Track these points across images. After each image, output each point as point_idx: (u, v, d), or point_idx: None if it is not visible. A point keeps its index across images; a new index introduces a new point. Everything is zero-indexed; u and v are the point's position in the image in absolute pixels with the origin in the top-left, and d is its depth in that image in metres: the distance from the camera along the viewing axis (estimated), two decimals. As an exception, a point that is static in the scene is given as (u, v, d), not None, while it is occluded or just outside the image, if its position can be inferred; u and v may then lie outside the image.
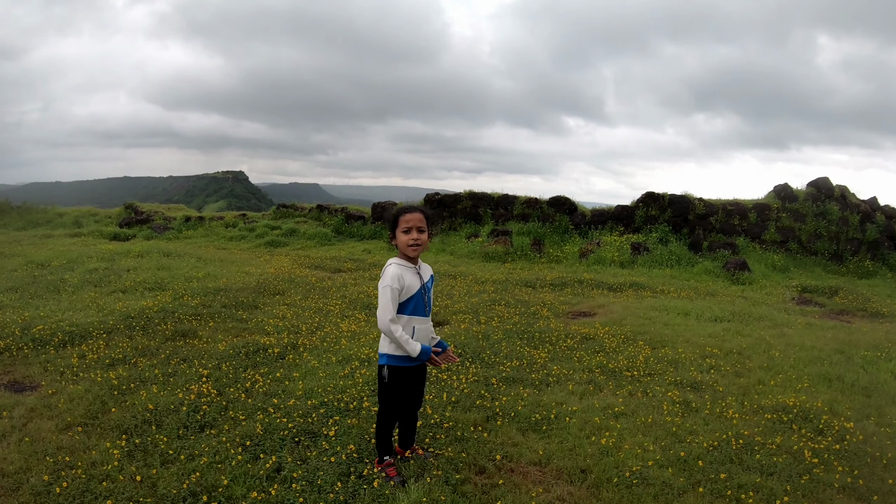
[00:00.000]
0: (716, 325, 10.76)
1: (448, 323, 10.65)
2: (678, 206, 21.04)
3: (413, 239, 4.55)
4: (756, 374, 7.90)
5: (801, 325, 11.19)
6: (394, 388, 4.80)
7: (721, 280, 16.56)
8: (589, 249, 19.15)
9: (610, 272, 16.98)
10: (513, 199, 23.01)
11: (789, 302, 14.49)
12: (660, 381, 7.53)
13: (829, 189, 21.92)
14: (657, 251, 18.67)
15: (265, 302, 11.66)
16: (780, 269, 18.59)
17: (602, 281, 15.26)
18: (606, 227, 21.14)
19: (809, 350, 9.20)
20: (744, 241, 20.10)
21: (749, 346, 9.22)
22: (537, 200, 22.61)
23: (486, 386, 7.12)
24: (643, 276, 16.51)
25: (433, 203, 23.77)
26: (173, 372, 7.36)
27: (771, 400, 6.87)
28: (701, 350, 8.92)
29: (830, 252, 20.50)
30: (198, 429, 5.73)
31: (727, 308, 12.19)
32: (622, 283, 15.08)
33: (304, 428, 5.69)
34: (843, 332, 10.79)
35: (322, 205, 27.82)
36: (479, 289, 13.86)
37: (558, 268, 17.81)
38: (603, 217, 21.57)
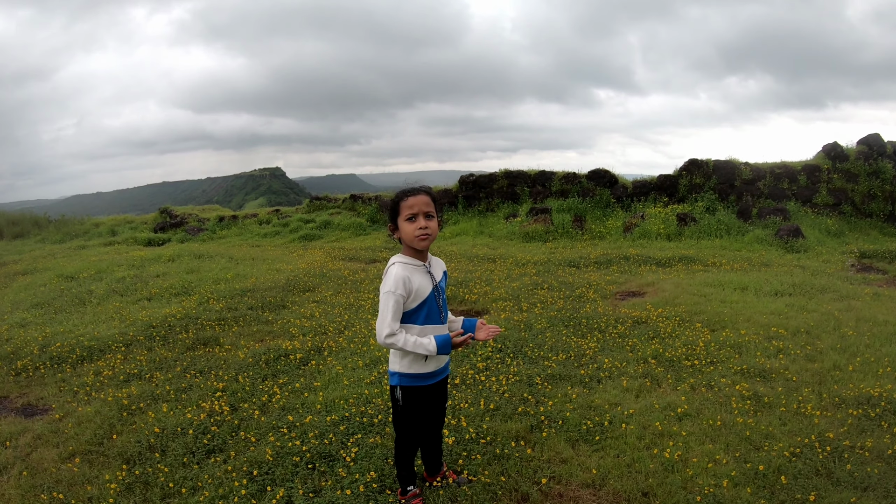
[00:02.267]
0: (777, 300, 9.96)
1: (488, 311, 10.08)
2: (723, 173, 20.08)
3: (420, 228, 3.76)
4: (830, 357, 7.12)
5: (868, 295, 10.34)
6: (410, 411, 4.07)
7: (774, 248, 15.69)
8: (633, 223, 18.35)
9: (656, 246, 16.21)
10: (550, 176, 22.23)
11: (849, 269, 13.62)
12: (724, 370, 6.80)
13: (881, 146, 20.78)
14: (704, 221, 17.80)
15: (294, 300, 11.18)
16: (834, 233, 17.67)
17: (649, 256, 14.51)
18: (649, 199, 20.27)
19: (883, 325, 8.38)
20: (795, 205, 19.12)
21: (817, 324, 8.42)
22: (576, 175, 21.80)
23: (530, 387, 6.47)
24: (692, 248, 15.71)
25: (468, 185, 23.08)
26: (188, 387, 6.91)
27: (852, 390, 6.10)
28: (765, 330, 8.15)
29: (886, 213, 19.47)
30: (204, 454, 5.21)
31: (786, 280, 11.37)
32: (670, 257, 14.31)
33: (320, 451, 5.08)
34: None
35: (355, 194, 27.34)
36: (519, 272, 13.21)
37: (602, 244, 17.08)
38: (645, 188, 20.69)
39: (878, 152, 20.57)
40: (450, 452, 5.03)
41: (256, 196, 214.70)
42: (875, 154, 20.51)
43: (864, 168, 20.10)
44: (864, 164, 20.17)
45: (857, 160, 20.34)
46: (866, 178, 19.94)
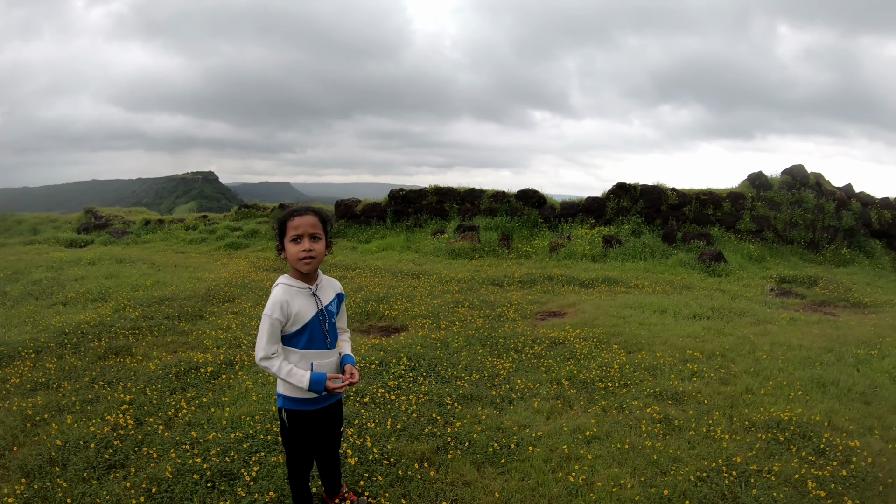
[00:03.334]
0: (695, 322, 9.97)
1: (406, 329, 9.83)
2: (650, 197, 20.31)
3: (304, 250, 3.55)
4: (743, 380, 7.09)
5: (784, 320, 10.45)
6: (297, 434, 3.84)
7: (697, 272, 15.84)
8: (559, 243, 18.36)
9: (581, 267, 16.21)
10: (479, 194, 22.16)
11: (768, 294, 13.82)
12: (637, 392, 6.70)
13: (804, 176, 21.32)
14: (630, 243, 17.91)
15: (212, 311, 10.76)
16: (756, 259, 17.97)
17: (573, 276, 14.47)
18: (577, 220, 20.34)
19: (797, 349, 8.44)
20: (718, 231, 19.45)
21: (732, 347, 8.42)
22: (505, 194, 21.77)
23: (440, 407, 6.24)
24: (616, 270, 15.76)
25: (398, 199, 22.86)
26: (95, 398, 6.49)
27: (763, 414, 6.05)
28: (681, 353, 8.10)
29: (807, 240, 19.99)
30: (105, 469, 4.88)
31: (705, 303, 11.42)
32: (594, 278, 14.30)
33: (221, 469, 4.81)
34: (830, 328, 10.08)
35: (284, 204, 26.87)
36: (442, 289, 13.01)
37: (527, 263, 17.01)
38: (573, 209, 20.77)
39: (801, 182, 21.07)
40: (352, 473, 4.78)
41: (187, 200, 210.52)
42: (798, 184, 21.00)
43: (787, 197, 20.56)
44: (788, 194, 20.64)
45: (781, 189, 20.81)
46: (789, 207, 20.39)
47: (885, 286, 15.90)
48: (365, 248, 20.09)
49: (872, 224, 21.61)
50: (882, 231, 21.77)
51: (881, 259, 20.05)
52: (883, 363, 8.05)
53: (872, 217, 21.72)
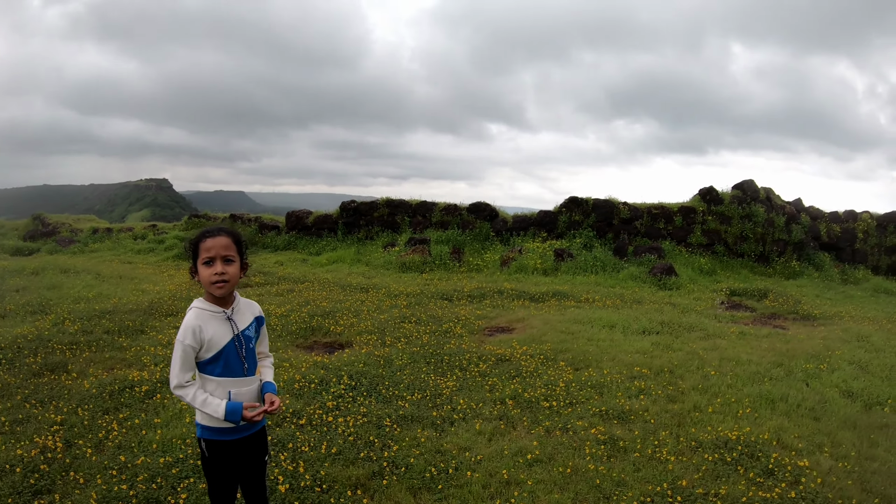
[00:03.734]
0: (644, 338, 9.82)
1: (351, 345, 9.53)
2: (602, 211, 20.27)
3: (217, 273, 3.33)
4: (691, 397, 6.92)
5: (734, 334, 10.35)
6: (216, 465, 3.53)
7: (648, 286, 15.77)
8: (510, 257, 18.19)
9: (532, 281, 16.04)
10: (431, 206, 21.95)
11: (718, 307, 13.78)
12: (582, 411, 6.48)
13: (755, 191, 21.45)
14: (581, 257, 17.82)
15: (154, 325, 10.39)
16: (706, 272, 17.98)
17: (523, 291, 14.28)
18: (529, 234, 20.22)
19: (746, 365, 8.32)
20: (670, 244, 19.46)
21: (681, 363, 8.27)
22: (456, 207, 21.59)
23: (378, 429, 5.96)
24: (567, 283, 15.61)
25: (349, 211, 22.55)
26: (25, 418, 6.14)
27: (710, 433, 5.87)
28: (629, 370, 7.93)
29: (757, 254, 20.06)
30: (31, 496, 4.60)
31: (655, 318, 11.30)
32: (545, 292, 14.12)
33: (147, 496, 4.54)
34: (780, 341, 10.01)
35: (235, 214, 26.40)
36: (390, 303, 12.72)
37: (478, 277, 16.80)
38: (525, 223, 20.66)
39: (752, 197, 21.18)
40: (282, 501, 4.50)
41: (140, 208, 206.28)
42: (749, 198, 21.11)
43: (738, 211, 20.64)
44: (738, 208, 20.72)
45: (732, 203, 20.89)
46: (739, 221, 20.46)
47: (834, 298, 16.03)
48: (315, 260, 19.75)
49: (822, 237, 21.77)
50: (831, 244, 21.93)
51: (830, 271, 20.14)
52: (832, 377, 7.97)
53: (821, 230, 21.89)
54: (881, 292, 17.73)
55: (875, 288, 18.17)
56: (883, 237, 22.57)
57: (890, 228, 22.86)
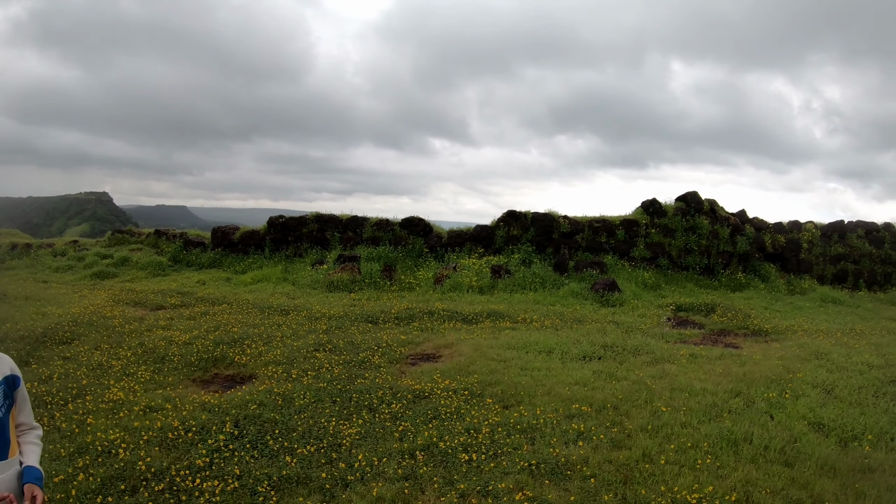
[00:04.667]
0: (585, 365, 8.70)
1: (254, 379, 8.37)
2: (541, 225, 19.20)
3: None
4: (639, 441, 5.78)
5: (684, 357, 9.31)
6: None
7: (589, 302, 14.74)
8: (444, 275, 17.01)
9: (466, 300, 14.89)
10: (363, 222, 20.60)
11: (665, 324, 12.84)
12: (508, 465, 5.29)
13: (699, 203, 20.64)
14: (519, 274, 16.72)
15: (41, 356, 9.30)
16: (651, 286, 17.08)
17: (456, 311, 13.11)
18: (465, 250, 19.02)
19: (701, 395, 7.25)
20: (612, 259, 18.49)
21: (626, 396, 7.15)
22: (389, 222, 20.29)
23: (252, 497, 4.71)
24: (503, 302, 14.49)
25: (277, 227, 21.09)
26: None
27: (665, 494, 4.71)
28: (566, 406, 6.77)
29: (702, 266, 19.28)
30: None
31: (597, 339, 10.24)
32: (479, 312, 12.98)
33: None
34: (735, 364, 9.01)
35: (160, 230, 24.86)
36: (309, 328, 11.46)
37: (410, 296, 15.59)
38: (461, 238, 19.45)
39: (696, 209, 20.40)
40: None
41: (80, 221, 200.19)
42: (692, 210, 20.32)
43: (682, 223, 19.83)
44: (682, 220, 19.91)
45: (675, 216, 20.06)
46: (683, 233, 19.66)
47: (783, 310, 15.43)
48: (240, 279, 18.29)
49: (767, 248, 21.22)
50: (776, 255, 21.43)
51: (776, 282, 19.65)
52: (798, 406, 6.99)
53: (766, 241, 21.32)
54: (828, 302, 17.41)
55: (822, 298, 17.85)
56: (827, 247, 22.40)
57: (834, 238, 22.74)
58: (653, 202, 20.47)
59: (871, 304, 18.19)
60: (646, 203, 20.59)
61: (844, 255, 22.34)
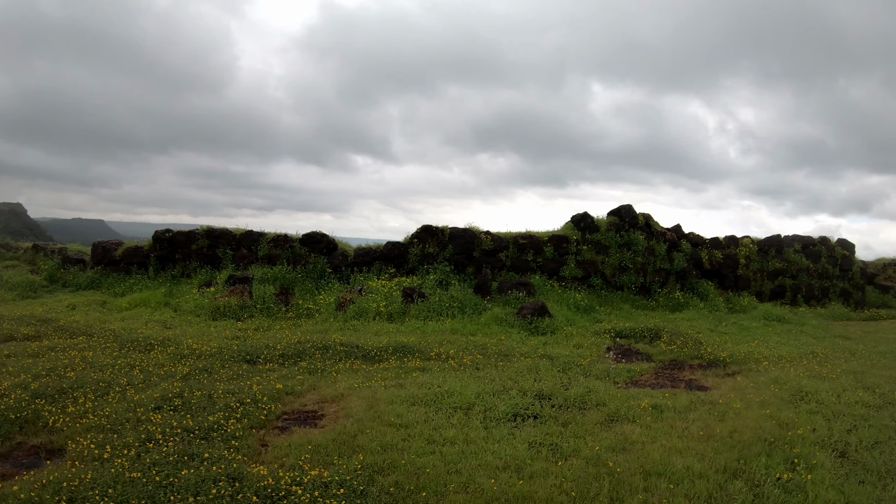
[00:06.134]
0: (517, 432, 6.36)
1: (62, 453, 6.10)
2: (461, 242, 16.90)
3: None
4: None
5: (646, 412, 7.13)
6: None
7: (516, 330, 12.58)
8: (348, 299, 14.55)
9: (372, 329, 12.51)
10: (258, 238, 17.83)
11: (607, 356, 10.99)
12: None
13: (633, 217, 18.68)
14: (435, 297, 14.40)
15: None
16: (584, 309, 15.09)
17: (357, 345, 10.73)
18: (374, 270, 16.55)
19: (687, 481, 5.04)
20: (540, 279, 16.35)
21: (582, 491, 4.84)
22: (287, 238, 17.61)
23: None
24: (415, 332, 12.16)
25: (164, 242, 18.06)
26: None
27: None
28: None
29: (638, 286, 17.43)
30: None
31: (529, 385, 8.06)
32: (384, 346, 10.64)
33: None
34: (713, 418, 6.93)
35: (38, 245, 22.34)
36: (168, 371, 9.00)
37: (306, 325, 13.12)
38: (369, 257, 16.95)
39: (631, 223, 18.48)
40: None
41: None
42: (627, 225, 18.39)
43: (616, 239, 17.86)
44: (616, 235, 17.94)
45: (609, 231, 18.05)
46: (618, 250, 17.71)
47: (730, 332, 13.99)
48: (116, 303, 15.38)
49: (704, 264, 19.71)
50: (713, 271, 20.02)
51: (715, 300, 18.21)
52: (818, 486, 4.89)
53: (703, 257, 19.77)
54: (773, 320, 16.33)
55: (765, 316, 16.69)
56: (765, 262, 21.39)
57: (772, 253, 21.76)
58: (584, 216, 18.43)
59: (815, 321, 17.20)
60: (576, 217, 18.53)
61: (782, 270, 21.52)
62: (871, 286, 23.06)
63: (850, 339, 14.32)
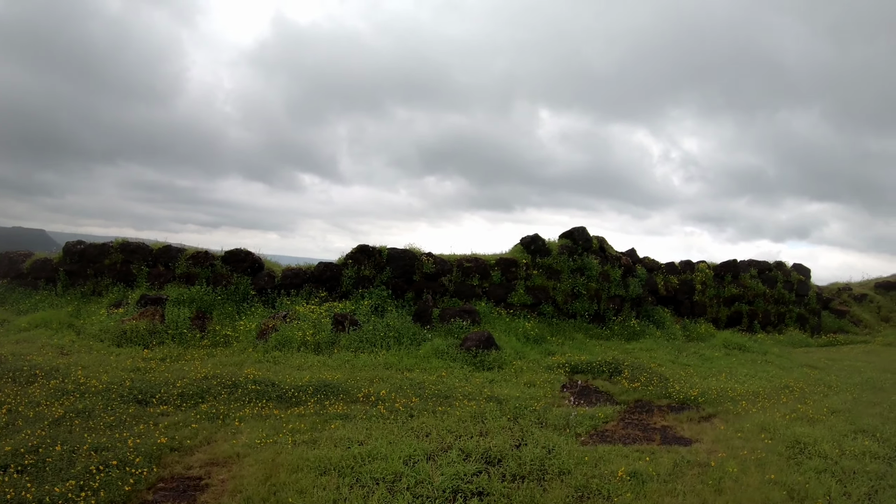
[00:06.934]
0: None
1: None
2: (400, 264, 15.33)
3: None
4: None
5: (625, 486, 5.67)
6: None
7: (459, 365, 11.11)
8: (271, 326, 12.86)
9: (295, 362, 10.88)
10: (176, 254, 15.94)
11: (563, 397, 9.70)
12: None
13: (587, 240, 17.28)
14: (369, 326, 12.81)
15: None
16: (534, 339, 13.76)
17: (274, 382, 9.12)
18: (303, 293, 14.86)
19: None
20: (486, 306, 14.88)
21: None
22: (208, 255, 15.73)
23: None
24: (343, 367, 10.57)
25: (75, 255, 16.04)
26: None
27: None
28: None
29: (591, 313, 16.11)
30: None
31: (474, 444, 6.56)
32: (305, 384, 9.06)
33: None
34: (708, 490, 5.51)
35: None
36: (37, 413, 7.59)
37: (220, 356, 11.39)
38: (299, 278, 15.22)
39: (584, 247, 17.08)
40: None
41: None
42: (580, 248, 16.99)
43: (569, 264, 16.44)
44: (569, 260, 16.51)
45: (561, 255, 16.62)
46: (570, 275, 16.30)
47: (693, 363, 13.12)
48: (16, 323, 13.33)
49: (659, 290, 18.58)
50: (669, 297, 18.99)
51: (672, 328, 17.19)
52: None
53: (659, 283, 18.68)
54: (733, 348, 15.54)
55: (725, 344, 15.91)
56: (721, 287, 20.57)
57: (728, 278, 20.95)
58: (535, 239, 17.01)
59: (777, 349, 16.33)
60: (526, 240, 17.09)
61: (739, 295, 20.63)
62: (826, 311, 22.54)
63: (817, 368, 13.56)
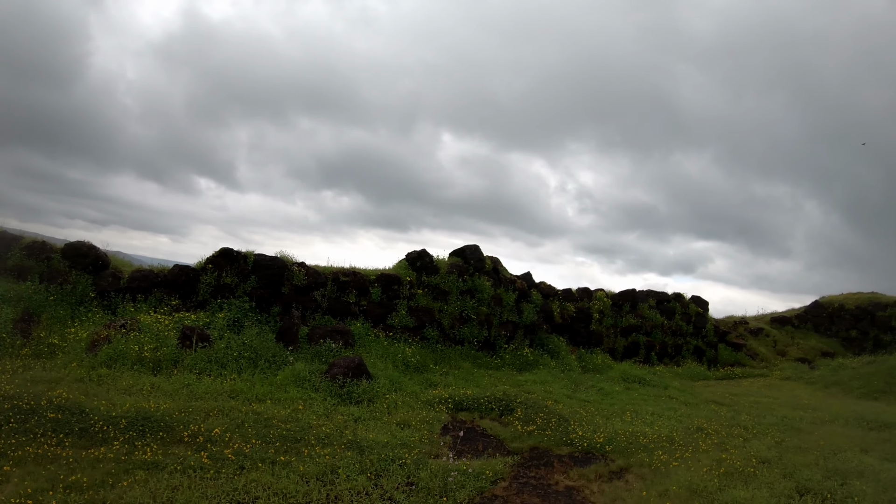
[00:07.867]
0: None
1: None
2: (267, 273, 13.39)
3: None
4: None
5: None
6: None
7: (322, 396, 9.35)
8: (105, 336, 10.73)
9: (122, 384, 8.91)
10: (11, 241, 13.31)
11: (442, 441, 8.29)
12: None
13: (480, 260, 15.78)
14: (223, 343, 10.86)
15: None
16: (415, 367, 12.23)
17: (83, 409, 7.22)
18: (153, 299, 12.69)
19: None
20: (363, 326, 13.14)
21: None
22: (45, 247, 13.20)
23: None
24: (179, 393, 8.65)
25: None
26: None
27: None
28: None
29: (481, 339, 14.63)
30: None
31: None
32: (121, 415, 7.19)
33: None
34: None
35: None
36: None
37: (39, 368, 9.34)
38: (149, 282, 13.00)
39: (476, 267, 15.56)
40: None
41: None
42: (472, 268, 15.46)
43: (458, 284, 14.87)
44: (458, 280, 14.94)
45: (450, 274, 15.03)
46: (459, 297, 14.75)
47: (592, 398, 12.15)
48: None
49: (555, 318, 17.21)
50: (565, 325, 17.75)
51: (567, 358, 16.05)
52: None
53: (555, 310, 17.32)
54: (633, 381, 14.91)
55: (623, 377, 15.20)
56: (619, 317, 19.70)
57: (626, 308, 20.10)
58: (421, 255, 15.37)
59: (678, 383, 15.74)
60: (412, 255, 15.43)
61: (637, 326, 19.79)
62: (722, 344, 22.06)
63: (723, 404, 12.78)
